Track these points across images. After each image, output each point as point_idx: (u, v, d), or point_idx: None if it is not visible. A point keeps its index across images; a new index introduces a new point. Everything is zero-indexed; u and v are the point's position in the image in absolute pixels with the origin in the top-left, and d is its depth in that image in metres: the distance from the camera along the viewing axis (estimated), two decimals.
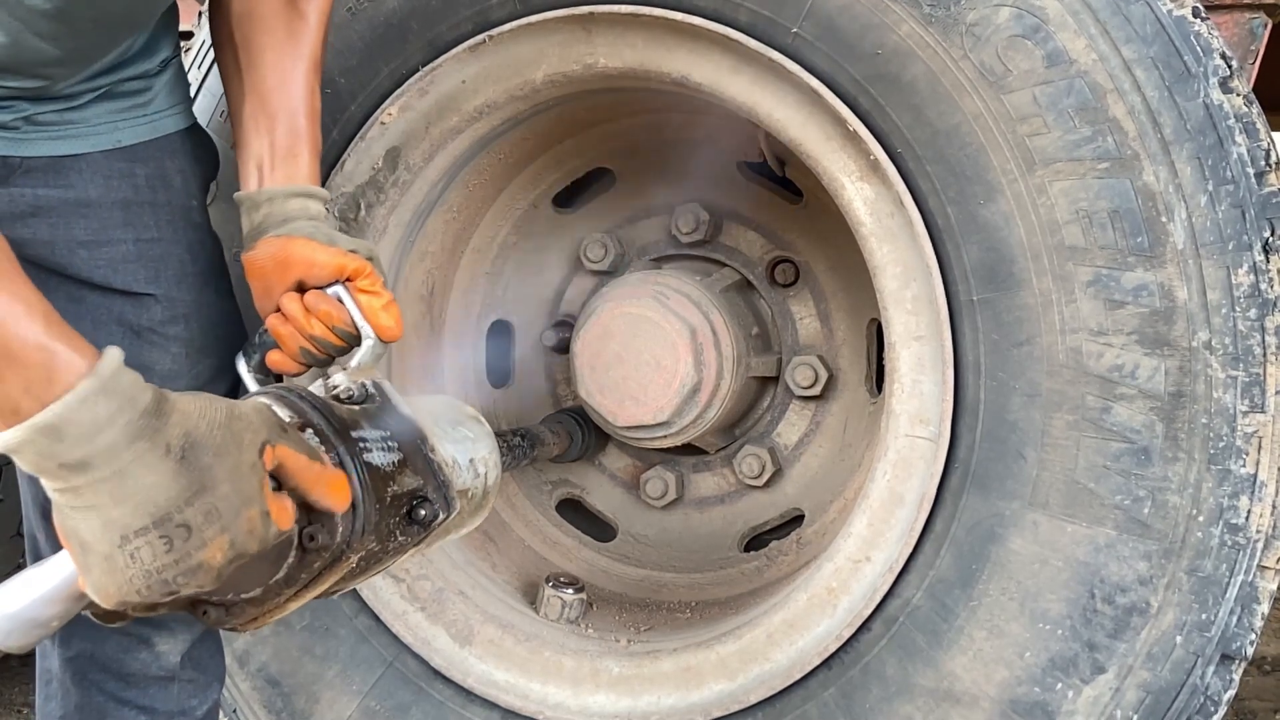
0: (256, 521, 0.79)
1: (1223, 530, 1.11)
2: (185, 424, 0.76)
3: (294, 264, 1.13)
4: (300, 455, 0.83)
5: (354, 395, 1.01)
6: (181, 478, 0.75)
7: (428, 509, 0.97)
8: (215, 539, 0.76)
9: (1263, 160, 1.09)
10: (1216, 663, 1.12)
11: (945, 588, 1.21)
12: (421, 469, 0.99)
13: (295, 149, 1.18)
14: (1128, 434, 1.12)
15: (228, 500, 0.76)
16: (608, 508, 1.90)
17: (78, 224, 1.15)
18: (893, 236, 1.25)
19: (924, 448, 1.24)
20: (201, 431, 0.77)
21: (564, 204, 1.86)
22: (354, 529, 0.88)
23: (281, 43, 1.20)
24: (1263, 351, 1.09)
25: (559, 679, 1.46)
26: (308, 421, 0.90)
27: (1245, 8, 1.29)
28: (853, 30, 1.20)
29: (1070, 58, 1.12)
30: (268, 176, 1.18)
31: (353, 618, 1.52)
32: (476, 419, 1.17)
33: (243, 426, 0.79)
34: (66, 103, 1.12)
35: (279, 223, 1.16)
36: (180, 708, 1.32)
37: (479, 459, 1.11)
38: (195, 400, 0.79)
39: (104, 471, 0.73)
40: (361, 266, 1.13)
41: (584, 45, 1.37)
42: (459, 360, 1.83)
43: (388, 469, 0.94)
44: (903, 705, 1.24)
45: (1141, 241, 1.11)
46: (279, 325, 1.15)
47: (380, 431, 0.97)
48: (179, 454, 0.75)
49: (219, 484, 0.76)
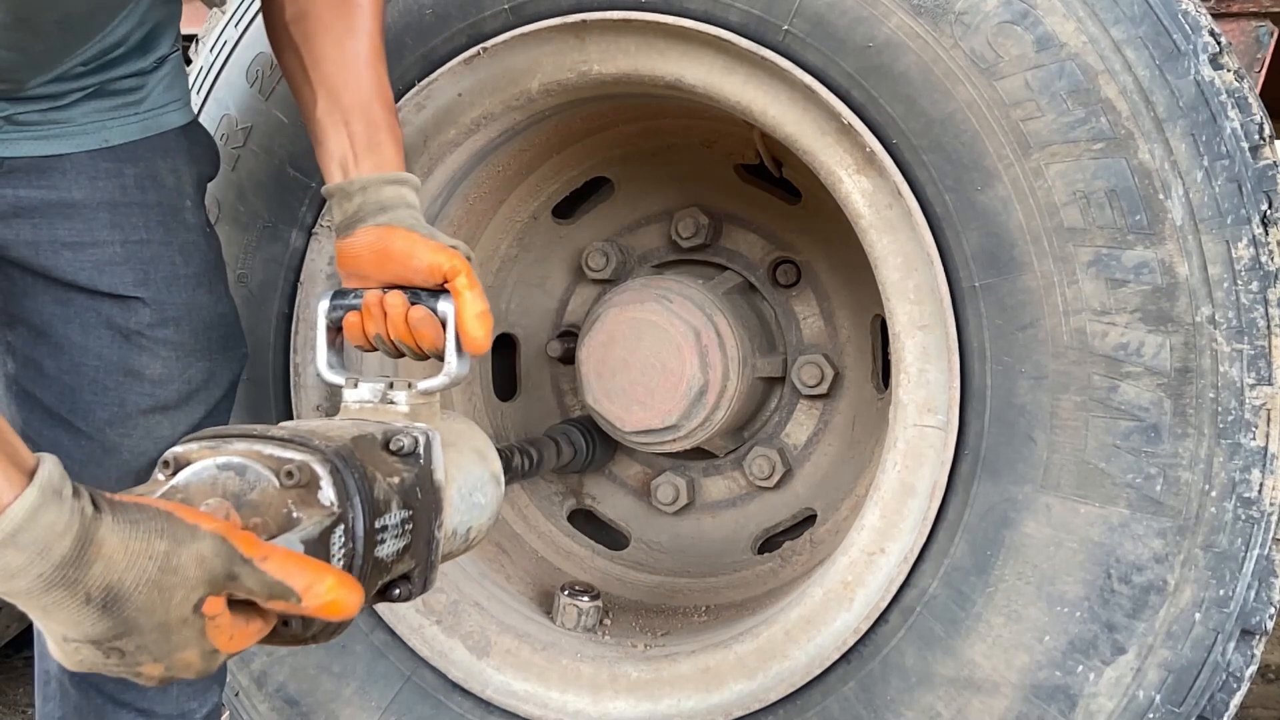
0: (193, 660, 0.76)
1: (1236, 504, 1.10)
2: (108, 576, 0.71)
3: (393, 256, 1.09)
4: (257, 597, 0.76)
5: (404, 448, 0.96)
6: (105, 621, 0.71)
7: (403, 589, 0.95)
8: (149, 664, 0.74)
9: (1256, 134, 1.10)
10: (1237, 638, 1.12)
11: (961, 575, 1.21)
12: (420, 553, 0.96)
13: (376, 138, 1.15)
14: (1136, 412, 1.12)
15: (157, 645, 0.74)
16: (619, 516, 1.90)
17: (61, 225, 1.13)
18: (892, 227, 1.25)
19: (933, 436, 1.24)
20: (126, 586, 0.71)
21: (564, 214, 1.87)
22: (330, 628, 0.84)
23: (341, 37, 1.16)
24: (1267, 324, 1.09)
25: (578, 686, 1.45)
26: (343, 517, 0.84)
27: (1251, 16, 1.30)
28: (843, 25, 1.21)
29: (1060, 41, 1.13)
30: (353, 170, 1.14)
31: (369, 633, 1.52)
32: (496, 481, 1.13)
33: (175, 583, 0.72)
34: (50, 102, 1.10)
35: (376, 210, 1.12)
36: (179, 710, 1.31)
37: (476, 527, 1.09)
38: (128, 546, 0.72)
39: (27, 604, 0.71)
40: (459, 265, 1.08)
41: (578, 53, 1.38)
42: None
43: (389, 560, 0.91)
44: (924, 696, 1.23)
45: (1140, 219, 1.11)
46: (374, 305, 1.11)
47: (403, 514, 0.92)
48: (100, 604, 0.71)
49: (145, 632, 0.73)
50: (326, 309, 1.15)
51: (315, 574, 0.77)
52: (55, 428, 1.21)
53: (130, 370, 1.19)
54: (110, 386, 1.19)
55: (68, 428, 1.21)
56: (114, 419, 1.20)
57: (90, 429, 1.21)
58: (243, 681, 1.57)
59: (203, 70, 1.55)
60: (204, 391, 1.24)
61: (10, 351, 1.21)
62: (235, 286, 1.52)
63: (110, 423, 1.20)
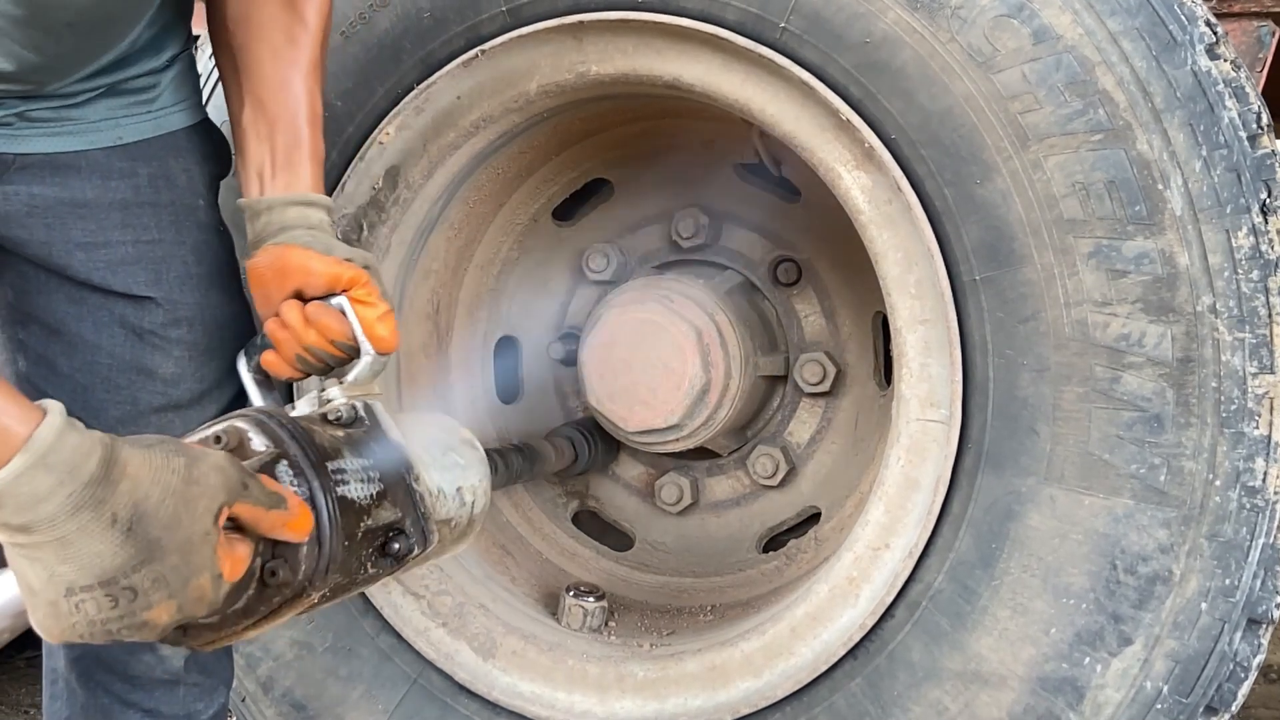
0: (206, 588, 0.77)
1: (1240, 494, 1.10)
2: (135, 493, 0.73)
3: (291, 273, 1.11)
4: (259, 508, 0.81)
5: (343, 417, 0.99)
6: (128, 548, 0.73)
7: (402, 543, 0.95)
8: (161, 603, 0.75)
9: (1254, 123, 1.10)
10: (1243, 628, 1.12)
11: (966, 569, 1.21)
12: (402, 501, 0.97)
13: (295, 156, 1.16)
14: (1139, 402, 1.13)
15: (176, 570, 0.75)
16: (624, 517, 1.90)
17: (75, 225, 1.14)
18: (892, 222, 1.25)
19: (936, 430, 1.24)
20: (152, 501, 0.74)
21: (564, 217, 1.87)
22: (318, 567, 0.86)
23: (280, 47, 1.18)
24: (1268, 312, 1.09)
25: (584, 686, 1.45)
26: (284, 452, 0.88)
27: (1253, 16, 1.30)
28: (840, 21, 1.22)
29: (1057, 33, 1.13)
30: (269, 184, 1.16)
31: (374, 637, 1.52)
32: (471, 444, 1.15)
33: (198, 493, 0.76)
34: (64, 100, 1.10)
35: (277, 231, 1.14)
36: (186, 711, 1.30)
37: (467, 487, 1.09)
38: (150, 461, 0.75)
39: (47, 536, 0.71)
40: (358, 276, 1.11)
41: (575, 54, 1.38)
42: (467, 378, 1.83)
43: (364, 502, 0.92)
44: (931, 690, 1.23)
45: (1139, 210, 1.11)
46: (277, 330, 1.13)
47: (362, 461, 0.95)
48: (126, 525, 0.72)
49: (167, 555, 0.74)
50: (244, 366, 1.19)
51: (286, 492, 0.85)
52: None
53: (143, 369, 1.19)
54: (123, 385, 1.19)
55: None
56: (126, 417, 1.20)
57: (102, 427, 1.18)
58: (249, 687, 1.57)
59: (203, 76, 1.55)
60: (217, 391, 1.25)
61: (22, 349, 1.21)
62: None
63: (122, 421, 1.20)
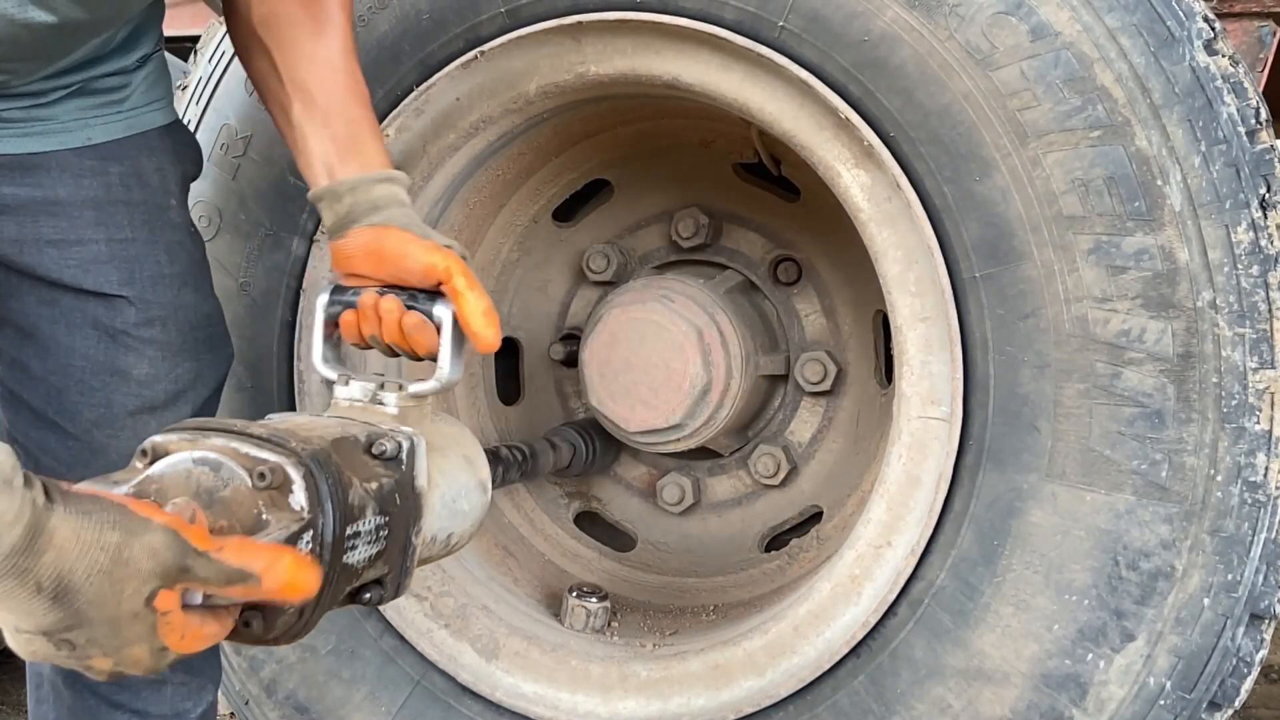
0: (142, 657, 0.75)
1: (1242, 489, 1.10)
2: (59, 565, 0.70)
3: (387, 257, 1.08)
4: (210, 584, 0.76)
5: (386, 452, 0.95)
6: (55, 612, 0.71)
7: (374, 594, 0.94)
8: (100, 658, 0.74)
9: (1253, 118, 1.10)
10: (1246, 623, 1.12)
11: (969, 566, 1.21)
12: (394, 559, 0.95)
13: (358, 138, 1.13)
14: (1140, 398, 1.13)
15: (107, 639, 0.73)
16: (626, 517, 1.90)
17: (46, 223, 1.13)
18: (892, 220, 1.25)
19: (937, 428, 1.24)
20: (77, 577, 0.70)
21: (564, 218, 1.87)
22: (292, 629, 0.84)
23: (312, 37, 1.16)
24: (1268, 307, 1.09)
25: (587, 687, 1.45)
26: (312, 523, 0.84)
27: (1254, 15, 1.30)
28: (838, 19, 1.22)
29: (1055, 30, 1.13)
30: (338, 171, 1.12)
31: (377, 638, 1.52)
32: (483, 488, 1.12)
33: (126, 574, 0.72)
34: (34, 99, 1.10)
35: (369, 210, 1.11)
36: (174, 710, 1.30)
37: (457, 533, 1.07)
38: (79, 535, 0.71)
39: None
40: (455, 265, 1.06)
41: (574, 54, 1.39)
42: (468, 379, 1.84)
43: (360, 566, 0.90)
44: (934, 687, 1.23)
45: (1139, 206, 1.11)
46: (369, 306, 1.09)
47: (378, 520, 0.91)
48: (51, 593, 0.70)
49: (95, 625, 0.72)
50: (325, 303, 1.13)
51: (274, 554, 0.78)
52: (42, 429, 1.21)
53: (117, 370, 1.18)
54: (97, 387, 1.18)
55: (55, 429, 1.20)
56: (101, 420, 1.19)
57: (77, 430, 1.20)
58: (253, 689, 1.57)
59: (202, 80, 1.55)
60: (191, 392, 1.24)
61: None
62: (238, 295, 1.53)
63: (97, 424, 1.19)
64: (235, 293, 1.52)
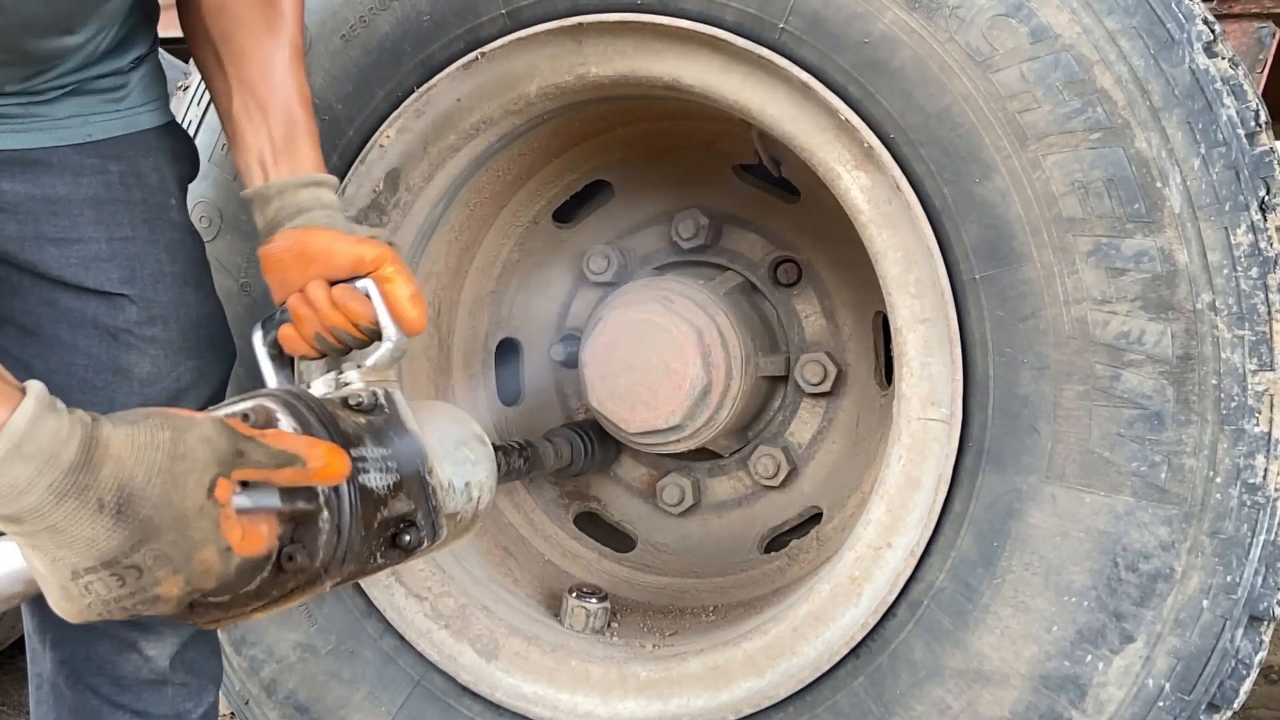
0: (212, 561, 0.75)
1: (1241, 490, 1.11)
2: (119, 475, 0.71)
3: (313, 256, 1.10)
4: (263, 469, 0.78)
5: (364, 403, 0.99)
6: (120, 530, 0.71)
7: (413, 535, 0.95)
8: (168, 578, 0.73)
9: (1252, 121, 1.10)
10: (1245, 625, 1.12)
11: (968, 567, 1.21)
12: (416, 493, 0.97)
13: (294, 139, 1.15)
14: (1139, 400, 1.13)
15: (176, 546, 0.73)
16: (626, 518, 1.90)
17: (47, 221, 1.13)
18: (892, 222, 1.26)
19: (937, 429, 1.24)
20: (138, 482, 0.71)
21: (564, 218, 1.87)
22: (335, 555, 0.86)
23: (261, 33, 1.17)
24: (1267, 309, 1.09)
25: (587, 687, 1.46)
26: (309, 432, 0.88)
27: (1254, 17, 1.30)
28: (838, 21, 1.22)
29: (1055, 32, 1.13)
30: (272, 170, 1.14)
31: (378, 639, 1.53)
32: (481, 439, 1.15)
33: (185, 468, 0.73)
34: (31, 97, 1.10)
35: (293, 214, 1.13)
36: (174, 711, 1.30)
37: (475, 482, 1.09)
38: (133, 439, 0.72)
39: (37, 525, 0.70)
40: (383, 254, 1.08)
41: (575, 55, 1.39)
42: (469, 380, 1.84)
43: (381, 492, 0.92)
44: (933, 689, 1.23)
45: (1139, 208, 1.12)
46: (299, 307, 1.11)
47: (381, 450, 0.95)
48: (114, 509, 0.70)
49: (163, 533, 0.72)
50: (260, 337, 1.16)
51: (310, 443, 0.82)
52: None
53: (119, 369, 1.19)
54: (99, 386, 1.18)
55: None
56: None
57: None
58: (253, 690, 1.57)
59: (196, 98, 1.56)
60: (194, 390, 1.24)
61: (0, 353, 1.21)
62: (238, 296, 1.53)
63: None
64: (236, 293, 1.52)
